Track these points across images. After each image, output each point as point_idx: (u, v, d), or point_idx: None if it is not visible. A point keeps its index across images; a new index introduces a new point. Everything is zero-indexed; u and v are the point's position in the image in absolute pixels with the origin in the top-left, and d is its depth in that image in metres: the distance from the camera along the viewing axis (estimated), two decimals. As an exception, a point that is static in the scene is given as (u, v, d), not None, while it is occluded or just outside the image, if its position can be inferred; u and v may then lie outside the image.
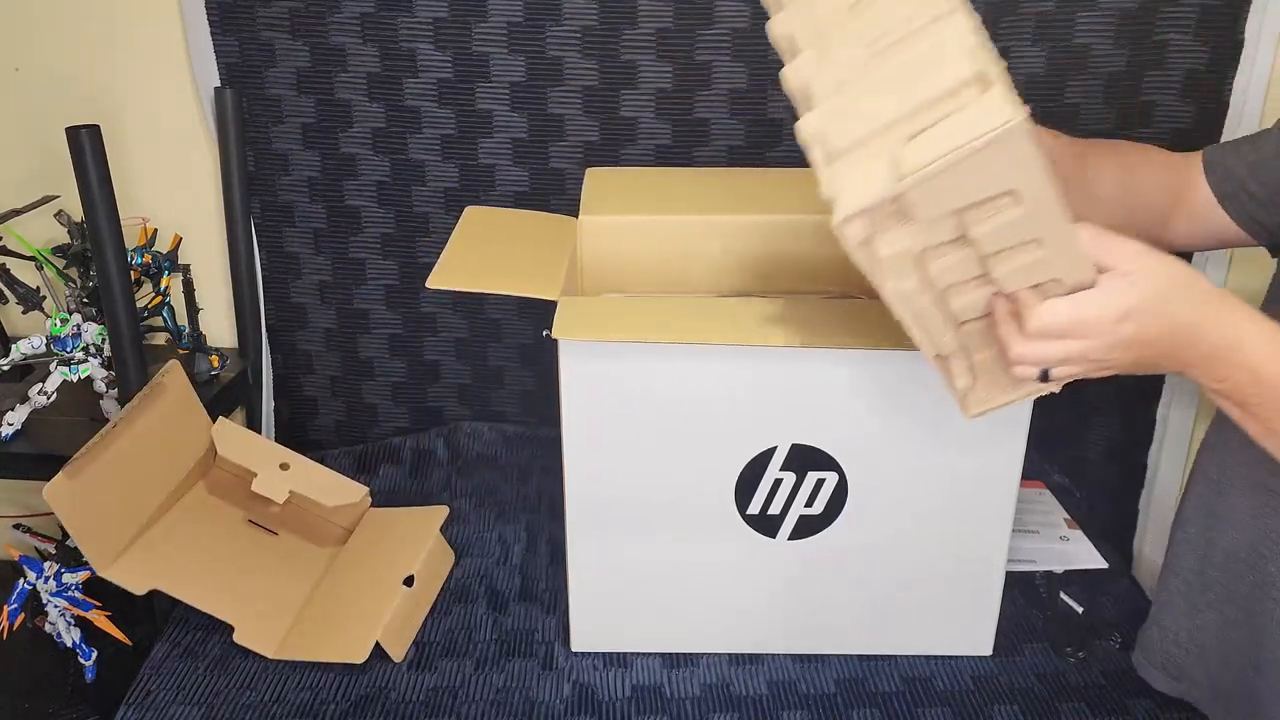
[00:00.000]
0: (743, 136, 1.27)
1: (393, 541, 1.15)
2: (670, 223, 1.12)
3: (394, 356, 1.43)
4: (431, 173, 1.31)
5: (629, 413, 0.95)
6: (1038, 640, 1.09)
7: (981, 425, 0.94)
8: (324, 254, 1.37)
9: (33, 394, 1.21)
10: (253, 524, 1.17)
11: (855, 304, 1.02)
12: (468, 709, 1.01)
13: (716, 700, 1.02)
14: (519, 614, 1.13)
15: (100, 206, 1.08)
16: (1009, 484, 0.98)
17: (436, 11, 1.22)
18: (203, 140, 1.34)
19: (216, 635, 1.08)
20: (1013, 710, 1.00)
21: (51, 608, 1.14)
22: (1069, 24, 1.20)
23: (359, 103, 1.28)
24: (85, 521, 1.02)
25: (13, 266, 1.30)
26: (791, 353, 0.91)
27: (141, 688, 1.03)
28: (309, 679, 1.04)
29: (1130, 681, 1.03)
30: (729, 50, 1.22)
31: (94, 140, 1.06)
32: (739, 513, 0.99)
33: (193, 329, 1.37)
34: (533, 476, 1.36)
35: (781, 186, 1.18)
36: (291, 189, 1.34)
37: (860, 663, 1.06)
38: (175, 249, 1.35)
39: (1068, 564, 1.19)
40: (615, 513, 1.00)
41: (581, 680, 1.04)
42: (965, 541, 1.01)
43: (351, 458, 1.40)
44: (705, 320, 0.91)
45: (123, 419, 1.06)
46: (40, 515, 1.34)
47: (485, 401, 1.45)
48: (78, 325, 1.21)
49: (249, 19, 1.25)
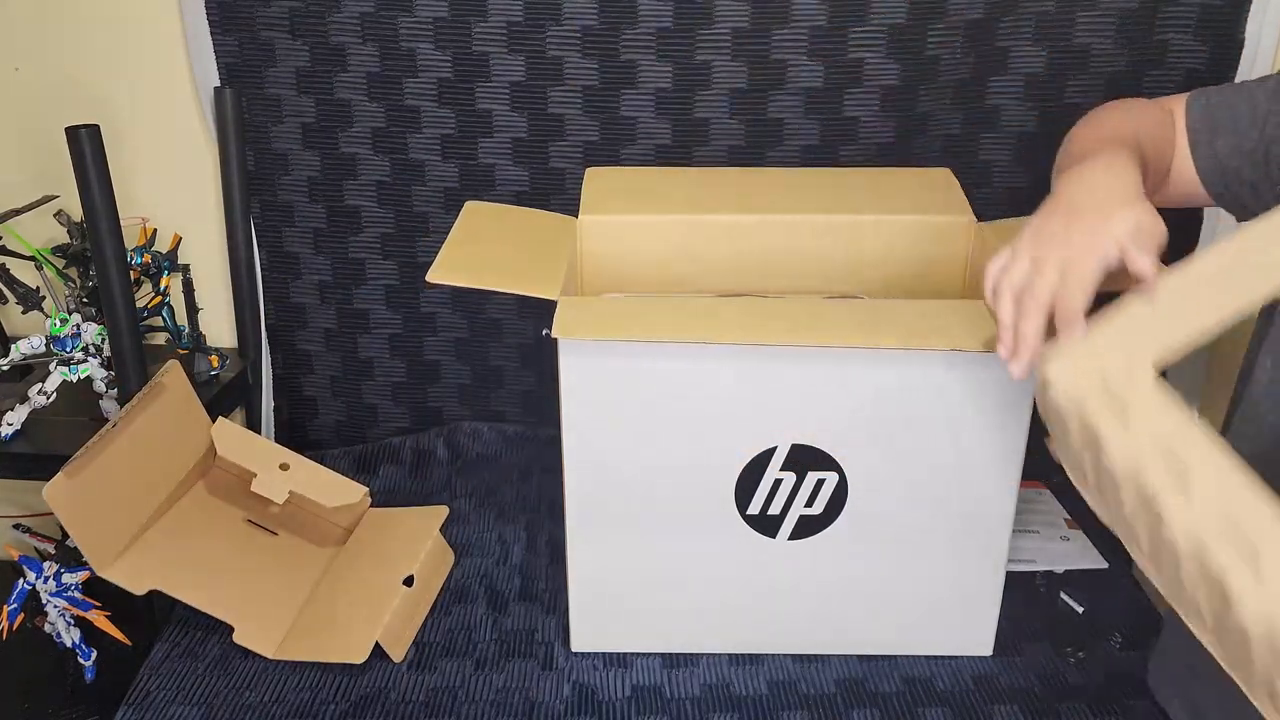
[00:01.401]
0: (743, 136, 1.27)
1: (392, 541, 1.15)
2: (670, 223, 1.12)
3: (394, 356, 1.43)
4: (431, 172, 1.31)
5: (629, 413, 0.95)
6: (1038, 640, 1.09)
7: (981, 425, 0.95)
8: (324, 254, 1.37)
9: (32, 394, 1.21)
10: (252, 524, 1.17)
11: (856, 304, 1.02)
12: (468, 709, 1.01)
13: (716, 700, 1.02)
14: (519, 614, 1.13)
15: (100, 206, 1.08)
16: (1009, 484, 0.98)
17: (436, 11, 1.22)
18: (203, 140, 1.34)
19: (216, 635, 1.08)
20: (1013, 710, 1.00)
21: (51, 608, 1.14)
22: (1069, 24, 1.20)
23: (359, 102, 1.28)
24: (85, 521, 1.02)
25: (13, 266, 1.30)
26: (791, 353, 0.91)
27: (141, 688, 1.03)
28: (309, 679, 1.04)
29: (1130, 681, 1.03)
30: (729, 50, 1.22)
31: (94, 140, 1.06)
32: (739, 513, 0.99)
33: (193, 329, 1.37)
34: (533, 476, 1.36)
35: (781, 186, 1.18)
36: (291, 189, 1.34)
37: (860, 663, 1.06)
38: (175, 249, 1.35)
39: (1068, 564, 1.19)
40: (615, 513, 1.00)
41: (581, 680, 1.04)
42: (965, 541, 1.01)
43: (351, 458, 1.40)
44: (705, 320, 0.91)
45: (122, 419, 1.06)
46: (40, 515, 1.34)
47: (485, 401, 1.45)
48: (77, 325, 1.21)
49: (249, 19, 1.25)
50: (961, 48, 1.21)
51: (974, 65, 1.23)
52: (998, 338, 0.76)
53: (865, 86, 1.23)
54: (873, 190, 1.17)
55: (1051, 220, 0.76)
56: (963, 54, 1.22)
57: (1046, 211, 0.77)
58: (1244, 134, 0.85)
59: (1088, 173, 0.79)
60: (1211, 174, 0.88)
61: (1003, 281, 0.76)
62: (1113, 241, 0.72)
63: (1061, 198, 0.78)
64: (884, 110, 1.24)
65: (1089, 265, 0.72)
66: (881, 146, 1.26)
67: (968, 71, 1.23)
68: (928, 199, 1.14)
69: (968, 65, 1.23)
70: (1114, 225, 0.72)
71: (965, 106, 1.25)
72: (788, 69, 1.22)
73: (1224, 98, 0.88)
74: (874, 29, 1.20)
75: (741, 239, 1.12)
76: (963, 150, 1.28)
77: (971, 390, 0.93)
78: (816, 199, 1.15)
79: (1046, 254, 0.73)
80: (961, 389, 0.93)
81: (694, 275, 1.13)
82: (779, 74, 1.23)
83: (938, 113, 1.25)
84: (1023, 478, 0.98)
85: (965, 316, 0.90)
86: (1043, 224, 0.76)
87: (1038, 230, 0.76)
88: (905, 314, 0.91)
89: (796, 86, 1.23)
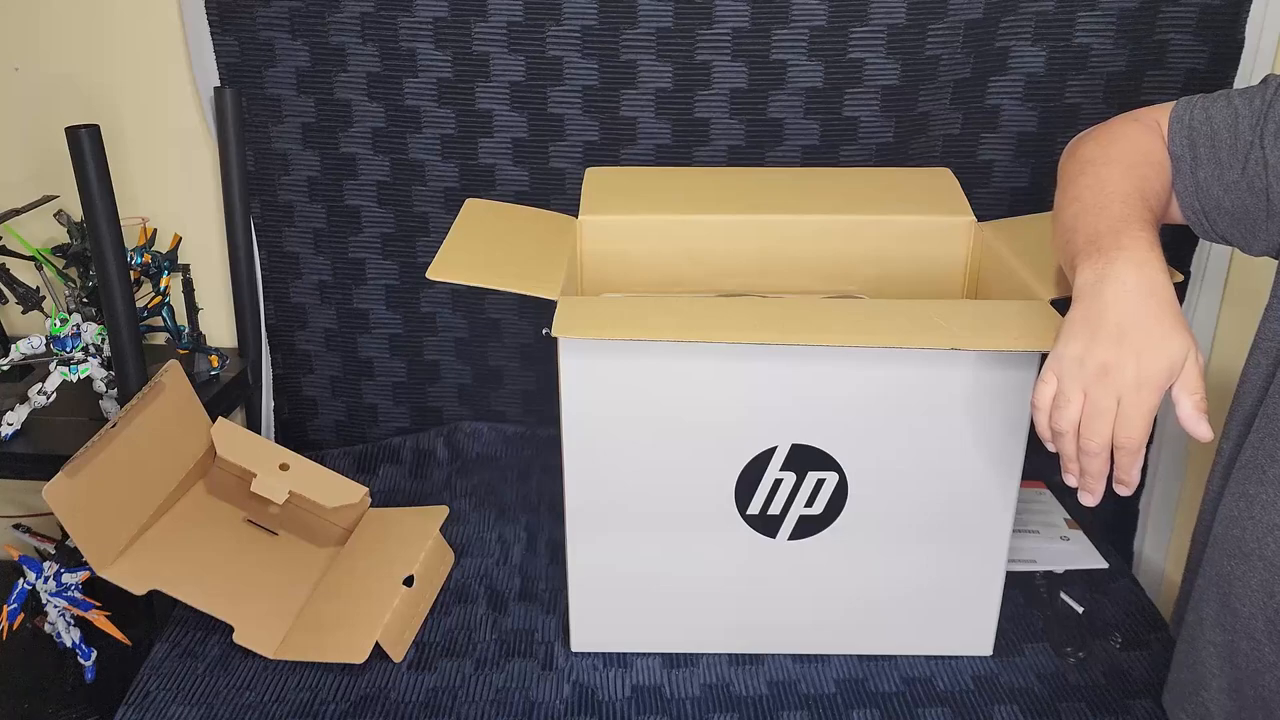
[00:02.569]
0: (743, 136, 1.27)
1: (392, 541, 1.15)
2: (670, 223, 1.12)
3: (394, 356, 1.43)
4: (431, 172, 1.31)
5: (629, 413, 0.95)
6: (1038, 640, 1.09)
7: (981, 425, 0.95)
8: (324, 254, 1.37)
9: (32, 394, 1.21)
10: (252, 524, 1.17)
11: (855, 304, 1.02)
12: (467, 709, 1.01)
13: (716, 700, 1.02)
14: (519, 614, 1.13)
15: (100, 206, 1.08)
16: (1009, 484, 0.98)
17: (436, 11, 1.22)
18: (203, 140, 1.34)
19: (216, 635, 1.08)
20: (1013, 710, 1.00)
21: (51, 608, 1.14)
22: (1069, 24, 1.20)
23: (359, 102, 1.28)
24: (85, 521, 1.02)
25: (12, 266, 1.30)
26: (791, 352, 0.91)
27: (141, 688, 1.03)
28: (309, 679, 1.04)
29: (1130, 681, 1.03)
30: (729, 50, 1.22)
31: (94, 140, 1.06)
32: (739, 513, 0.99)
33: (192, 329, 1.37)
34: (533, 476, 1.36)
35: (781, 186, 1.18)
36: (291, 189, 1.34)
37: (860, 663, 1.06)
38: (175, 249, 1.35)
39: (1068, 564, 1.19)
40: (615, 513, 1.00)
41: (581, 680, 1.04)
42: (965, 541, 1.01)
43: (351, 458, 1.40)
44: (705, 320, 0.91)
45: (122, 419, 1.06)
46: (40, 515, 1.34)
47: (485, 401, 1.45)
48: (77, 325, 1.21)
49: (249, 18, 1.25)
50: (961, 48, 1.21)
51: (974, 65, 1.23)
52: (1063, 468, 0.78)
53: (865, 86, 1.23)
54: (872, 190, 1.17)
55: (1098, 345, 0.74)
56: (963, 54, 1.22)
57: (1090, 330, 0.75)
58: (1225, 165, 0.83)
59: (1123, 274, 0.76)
60: (1189, 202, 0.86)
61: (1060, 422, 0.76)
62: (1167, 375, 0.73)
63: (1105, 310, 0.75)
64: (884, 110, 1.24)
65: (1149, 400, 0.73)
66: (881, 146, 1.26)
67: (968, 71, 1.23)
68: (928, 199, 1.14)
69: (968, 65, 1.23)
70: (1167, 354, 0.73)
71: (965, 106, 1.25)
72: (788, 69, 1.22)
73: (1207, 116, 0.85)
74: (874, 29, 1.20)
75: (741, 239, 1.12)
76: (963, 150, 1.28)
77: (971, 390, 0.93)
78: (816, 199, 1.15)
79: (1102, 393, 0.74)
80: (961, 389, 0.93)
81: (694, 275, 1.13)
82: (779, 74, 1.23)
83: (938, 113, 1.25)
84: (1023, 478, 0.98)
85: (965, 316, 0.90)
86: (1087, 351, 0.75)
87: (1083, 360, 0.75)
88: (905, 314, 0.91)
89: (796, 86, 1.23)
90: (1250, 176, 0.82)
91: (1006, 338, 0.87)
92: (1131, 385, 0.73)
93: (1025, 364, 0.92)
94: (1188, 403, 0.74)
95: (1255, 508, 0.83)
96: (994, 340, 0.88)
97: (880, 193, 1.16)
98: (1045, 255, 1.00)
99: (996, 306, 0.95)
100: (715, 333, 0.90)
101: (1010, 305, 0.94)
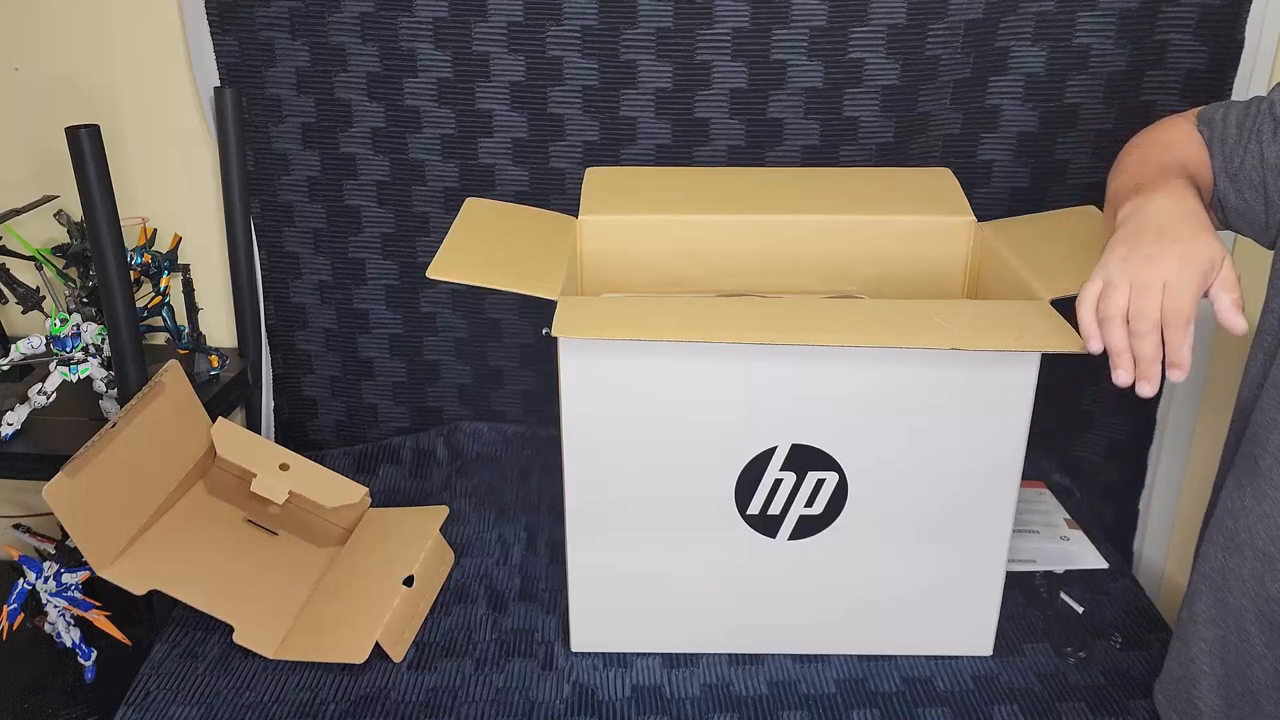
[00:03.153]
0: (743, 136, 1.27)
1: (392, 541, 1.15)
2: (670, 223, 1.12)
3: (394, 356, 1.43)
4: (431, 172, 1.31)
5: (629, 413, 0.95)
6: (1038, 640, 1.09)
7: (982, 425, 0.95)
8: (324, 254, 1.37)
9: (32, 394, 1.21)
10: (252, 524, 1.17)
11: (855, 304, 1.02)
12: (467, 709, 1.01)
13: (716, 700, 1.02)
14: (519, 614, 1.13)
15: (100, 206, 1.08)
16: (1009, 484, 0.98)
17: (436, 11, 1.22)
18: (202, 140, 1.34)
19: (216, 635, 1.08)
20: (1013, 710, 1.00)
21: (51, 608, 1.14)
22: (1069, 24, 1.20)
23: (359, 102, 1.28)
24: (85, 521, 1.02)
25: (12, 266, 1.30)
26: (791, 352, 0.91)
27: (141, 688, 1.03)
28: (309, 679, 1.04)
29: (1130, 681, 1.03)
30: (729, 50, 1.22)
31: (94, 140, 1.06)
32: (739, 513, 0.99)
33: (192, 329, 1.37)
34: (533, 476, 1.36)
35: (781, 186, 1.18)
36: (291, 189, 1.34)
37: (860, 663, 1.06)
38: (175, 249, 1.35)
39: (1068, 564, 1.19)
40: (615, 513, 1.00)
41: (581, 680, 1.04)
42: (965, 541, 1.01)
43: (351, 458, 1.40)
44: (705, 320, 0.91)
45: (122, 419, 1.06)
46: (40, 515, 1.34)
47: (485, 401, 1.45)
48: (77, 325, 1.21)
49: (249, 19, 1.25)
50: (961, 48, 1.21)
51: (974, 65, 1.23)
52: (1112, 364, 0.77)
53: (865, 86, 1.23)
54: (872, 190, 1.17)
55: (1141, 244, 0.77)
56: (963, 54, 1.22)
57: (1131, 237, 0.78)
58: (1248, 190, 0.86)
59: (1160, 199, 0.80)
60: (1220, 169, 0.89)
61: (1108, 308, 0.76)
62: (1208, 263, 0.75)
63: (1145, 222, 0.79)
64: (884, 110, 1.24)
65: (1194, 280, 0.74)
66: (881, 146, 1.26)
67: (968, 71, 1.23)
68: (928, 199, 1.14)
69: (968, 65, 1.23)
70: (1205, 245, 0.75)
71: (965, 106, 1.25)
72: (788, 69, 1.22)
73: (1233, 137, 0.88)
74: (874, 29, 1.20)
75: (741, 239, 1.12)
76: (963, 150, 1.28)
77: (971, 390, 0.93)
78: (816, 199, 1.16)
79: (1148, 277, 0.75)
80: (961, 389, 0.93)
81: (694, 275, 1.13)
82: (779, 74, 1.23)
83: (938, 113, 1.25)
84: (1023, 478, 0.98)
85: (965, 316, 0.90)
86: (1131, 249, 0.77)
87: (1127, 256, 0.77)
88: (905, 314, 0.91)
89: (796, 86, 1.23)
90: (1248, 169, 0.85)
91: (1006, 338, 0.88)
92: (1176, 268, 0.75)
93: (1025, 364, 0.92)
94: (1226, 298, 0.76)
95: (1247, 498, 0.84)
96: (994, 340, 0.88)
97: (880, 193, 1.16)
98: (1045, 255, 1.01)
99: (996, 306, 0.95)
100: (715, 333, 0.90)
101: (1010, 305, 0.94)
